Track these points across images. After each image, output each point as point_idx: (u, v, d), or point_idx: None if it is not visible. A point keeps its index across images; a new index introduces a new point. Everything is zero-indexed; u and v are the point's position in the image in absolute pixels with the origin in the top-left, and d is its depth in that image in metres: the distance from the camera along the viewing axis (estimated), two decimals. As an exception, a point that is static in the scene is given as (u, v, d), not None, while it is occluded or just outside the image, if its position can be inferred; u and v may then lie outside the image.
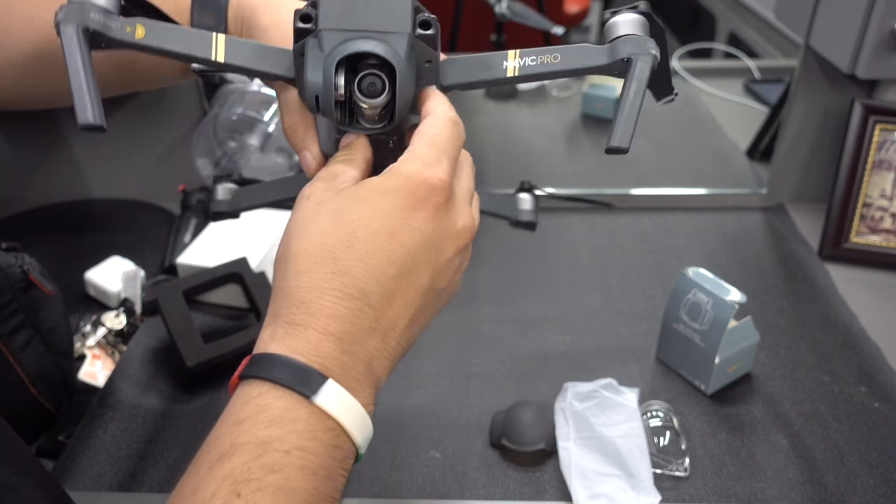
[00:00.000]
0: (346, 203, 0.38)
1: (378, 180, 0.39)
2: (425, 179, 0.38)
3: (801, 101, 1.00)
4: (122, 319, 0.83)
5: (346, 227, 0.37)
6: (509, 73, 0.41)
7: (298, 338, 0.36)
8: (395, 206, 0.37)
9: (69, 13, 0.38)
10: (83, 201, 1.12)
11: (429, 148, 0.39)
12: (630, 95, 0.39)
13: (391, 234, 0.37)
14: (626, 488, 0.62)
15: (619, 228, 1.04)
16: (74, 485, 0.66)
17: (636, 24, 0.41)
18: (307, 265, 0.37)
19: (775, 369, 0.77)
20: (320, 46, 0.39)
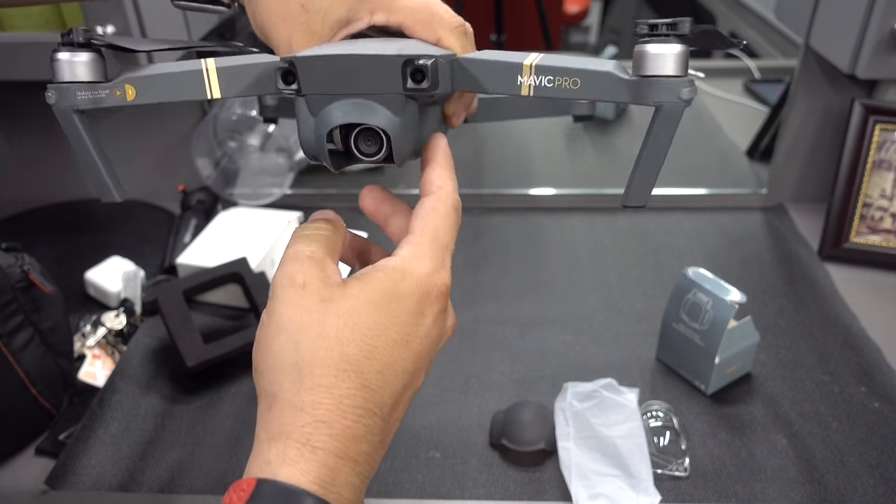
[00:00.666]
0: (361, 307, 0.34)
1: (389, 282, 0.35)
2: (435, 285, 0.36)
3: (801, 101, 1.00)
4: (122, 319, 0.83)
5: (366, 337, 0.34)
6: (523, 90, 0.37)
7: (317, 464, 0.31)
8: (409, 312, 0.35)
9: (61, 98, 0.37)
10: (83, 201, 1.12)
11: (435, 246, 0.37)
12: (652, 147, 0.35)
13: (407, 343, 0.35)
14: (626, 488, 0.62)
15: (619, 228, 1.04)
16: (74, 485, 0.66)
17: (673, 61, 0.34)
18: (328, 379, 0.33)
19: (775, 369, 0.77)
20: (309, 109, 0.37)
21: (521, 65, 0.36)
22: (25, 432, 0.71)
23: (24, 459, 0.70)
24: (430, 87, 0.35)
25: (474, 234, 1.02)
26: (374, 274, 0.35)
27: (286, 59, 0.36)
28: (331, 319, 0.34)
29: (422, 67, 0.35)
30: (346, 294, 0.34)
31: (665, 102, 0.34)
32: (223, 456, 0.68)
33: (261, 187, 1.07)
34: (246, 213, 0.98)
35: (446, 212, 0.38)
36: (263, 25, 0.40)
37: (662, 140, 0.35)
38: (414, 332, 0.35)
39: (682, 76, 0.34)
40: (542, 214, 1.08)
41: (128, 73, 0.38)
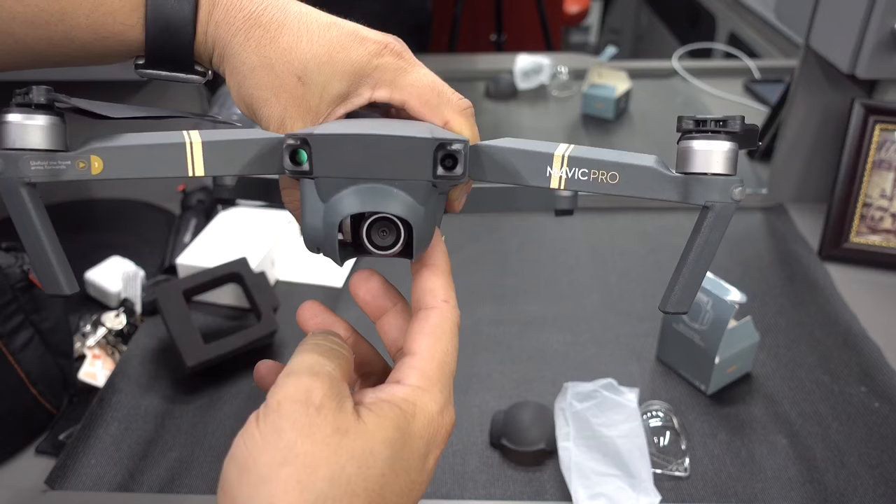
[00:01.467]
0: (378, 449, 0.30)
1: (402, 416, 0.31)
2: (444, 426, 0.33)
3: (801, 101, 1.00)
4: (122, 319, 0.83)
5: (377, 486, 0.29)
6: (553, 183, 0.33)
7: None
8: (417, 456, 0.31)
9: (8, 167, 0.31)
10: (83, 201, 1.12)
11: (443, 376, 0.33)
12: (699, 251, 0.32)
13: (410, 490, 0.31)
14: (626, 488, 0.62)
15: (619, 228, 1.04)
16: (75, 485, 0.66)
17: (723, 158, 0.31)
18: None
19: (775, 369, 0.77)
20: (319, 194, 0.32)
21: (552, 155, 0.33)
22: (25, 432, 0.71)
23: (24, 459, 0.70)
24: (461, 175, 0.31)
25: (474, 234, 1.02)
26: (389, 408, 0.31)
27: (297, 135, 0.31)
28: (344, 460, 0.29)
29: (455, 154, 0.31)
30: (362, 430, 0.30)
31: (717, 202, 0.32)
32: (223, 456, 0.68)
33: (261, 187, 1.07)
34: (246, 214, 0.98)
35: (452, 333, 0.34)
36: (251, 100, 0.36)
37: (711, 242, 0.32)
38: (418, 479, 0.31)
39: (733, 174, 0.32)
40: (542, 214, 1.08)
41: (95, 143, 0.33)
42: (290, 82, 0.35)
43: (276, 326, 0.78)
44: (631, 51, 2.78)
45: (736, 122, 0.31)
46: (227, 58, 0.36)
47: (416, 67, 0.37)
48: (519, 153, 0.34)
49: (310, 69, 0.35)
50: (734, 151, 0.32)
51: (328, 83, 0.35)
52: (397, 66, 0.36)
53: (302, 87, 0.35)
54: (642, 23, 2.71)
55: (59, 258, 0.33)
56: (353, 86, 0.36)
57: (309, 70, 0.35)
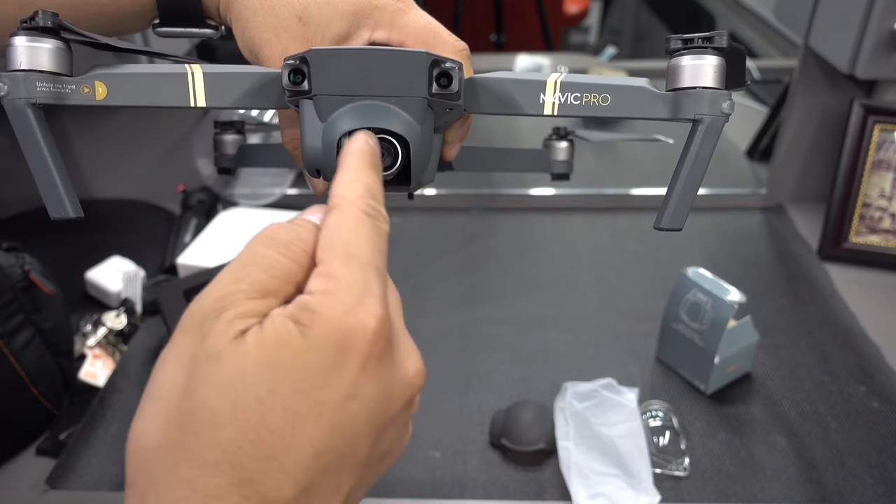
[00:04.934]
0: (251, 370, 0.25)
1: (292, 330, 0.26)
2: (357, 326, 0.26)
3: (801, 101, 1.00)
4: (123, 319, 0.84)
5: (252, 414, 0.25)
6: (546, 109, 0.34)
7: None
8: (320, 371, 0.26)
9: (14, 89, 0.32)
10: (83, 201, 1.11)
11: (350, 269, 0.27)
12: (691, 166, 0.33)
13: (318, 415, 0.25)
14: (626, 488, 0.62)
15: (619, 228, 1.04)
16: (75, 484, 0.66)
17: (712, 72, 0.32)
18: (193, 472, 0.24)
19: (775, 369, 0.78)
20: (318, 113, 0.32)
21: (545, 82, 0.34)
22: (26, 432, 0.71)
23: (24, 459, 0.70)
24: (455, 95, 0.32)
25: (474, 234, 1.02)
26: (277, 322, 0.26)
27: (296, 55, 0.32)
28: (209, 389, 0.25)
29: (449, 70, 0.32)
30: (237, 352, 0.25)
31: (706, 115, 0.32)
32: (223, 455, 0.68)
33: (261, 187, 1.07)
34: (246, 213, 0.99)
35: (356, 223, 0.28)
36: (253, 42, 0.37)
37: (702, 157, 0.33)
38: (328, 398, 0.26)
39: (721, 88, 0.32)
40: (542, 214, 1.08)
41: (99, 69, 0.33)
42: (291, 23, 0.36)
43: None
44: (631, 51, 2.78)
45: (723, 38, 0.32)
46: (231, 5, 0.38)
47: (414, 9, 0.37)
48: (513, 82, 0.34)
49: (310, 10, 0.36)
50: (722, 66, 0.32)
51: (328, 23, 0.36)
52: (395, 7, 0.37)
53: (302, 28, 0.36)
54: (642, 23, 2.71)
55: (65, 181, 0.33)
56: (353, 26, 0.36)
57: (309, 11, 0.36)
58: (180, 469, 0.24)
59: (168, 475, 0.25)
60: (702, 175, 0.33)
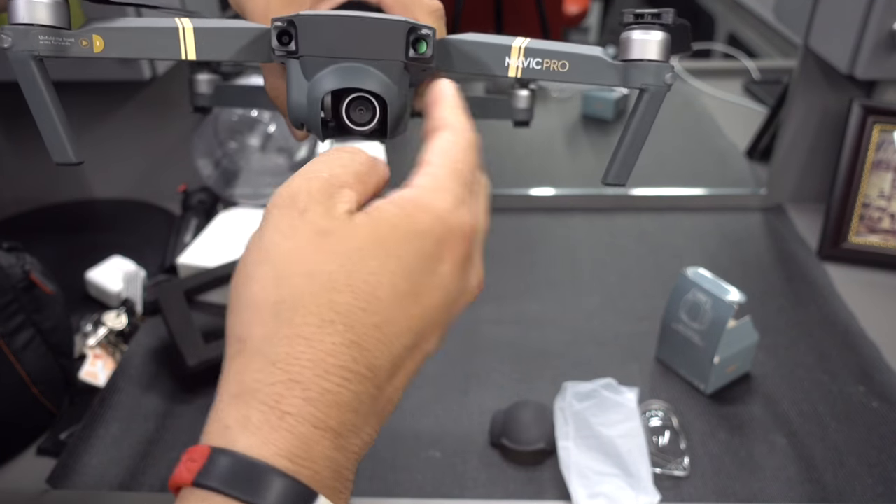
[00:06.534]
0: (365, 247, 0.28)
1: (402, 217, 0.29)
2: (457, 224, 0.30)
3: (800, 101, 1.00)
4: (123, 319, 0.84)
5: (365, 284, 0.28)
6: (510, 72, 0.37)
7: (285, 432, 0.26)
8: (423, 256, 0.29)
9: (19, 40, 0.33)
10: (84, 201, 1.13)
11: (455, 180, 0.31)
12: (635, 129, 0.36)
13: (417, 295, 0.29)
14: (626, 487, 0.62)
15: (619, 228, 1.04)
16: (76, 484, 0.66)
17: (657, 46, 0.36)
18: (309, 329, 0.27)
19: (774, 369, 0.78)
20: (303, 72, 0.35)
21: (510, 46, 0.37)
22: (27, 432, 0.71)
23: (25, 459, 0.70)
24: (429, 59, 0.35)
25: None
26: (385, 207, 0.29)
27: (284, 17, 0.34)
28: (324, 256, 0.28)
29: (424, 37, 0.35)
30: (349, 229, 0.29)
31: (651, 85, 0.36)
32: (224, 455, 0.68)
33: (261, 187, 1.07)
34: (246, 214, 0.99)
35: (467, 146, 0.33)
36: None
37: (646, 122, 0.36)
38: (427, 282, 0.29)
39: (665, 62, 0.36)
40: (542, 214, 1.08)
41: (96, 24, 0.36)
42: None
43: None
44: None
45: (668, 16, 0.35)
46: None
47: None
48: (481, 45, 0.37)
49: None
50: (667, 41, 0.36)
51: None
52: None
53: None
54: (642, 23, 2.71)
55: (67, 128, 0.35)
56: None
57: None
58: (297, 324, 0.27)
59: (285, 328, 0.27)
60: (644, 137, 0.37)
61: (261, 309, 0.28)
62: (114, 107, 1.06)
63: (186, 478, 0.26)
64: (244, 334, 0.28)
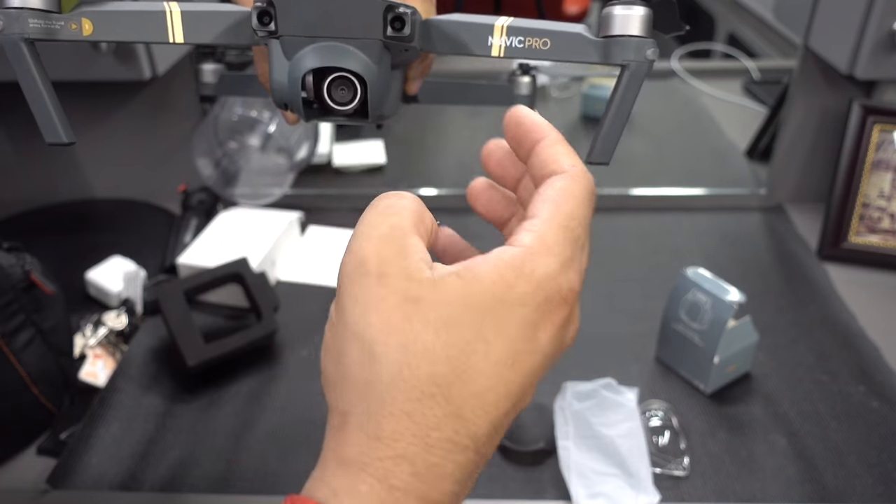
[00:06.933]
0: (460, 315, 0.27)
1: (499, 282, 0.27)
2: (559, 290, 0.28)
3: (800, 101, 1.00)
4: (123, 319, 0.84)
5: (462, 354, 0.27)
6: (494, 51, 0.37)
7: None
8: (521, 324, 0.28)
9: (10, 24, 0.34)
10: (84, 201, 1.13)
11: (565, 237, 0.29)
12: (617, 105, 0.36)
13: (514, 363, 0.28)
14: (626, 487, 0.62)
15: (619, 228, 1.04)
16: (76, 484, 0.66)
17: (638, 21, 0.35)
18: (411, 404, 0.26)
19: (774, 369, 0.78)
20: (284, 52, 0.36)
21: (493, 26, 0.37)
22: (27, 432, 0.71)
23: (25, 459, 0.70)
24: (408, 38, 0.35)
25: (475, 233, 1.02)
26: (480, 270, 0.28)
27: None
28: (417, 326, 0.27)
29: (402, 15, 0.35)
30: (440, 293, 0.27)
31: (632, 61, 0.35)
32: (224, 455, 0.68)
33: (261, 187, 1.07)
34: (246, 213, 0.99)
35: (583, 197, 0.30)
36: None
37: (628, 98, 0.36)
38: (525, 349, 0.28)
39: (647, 37, 0.35)
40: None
41: (85, 7, 0.36)
42: None
43: (277, 326, 0.79)
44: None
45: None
46: None
47: None
48: (464, 25, 0.37)
49: None
50: (648, 16, 0.35)
51: None
52: None
53: None
54: (642, 23, 2.70)
55: (58, 109, 0.35)
56: None
57: None
58: (398, 400, 0.27)
59: (388, 405, 0.27)
60: (627, 114, 0.36)
61: (359, 386, 0.27)
62: (114, 107, 1.06)
63: None
64: (346, 409, 0.28)
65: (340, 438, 0.28)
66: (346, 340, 0.28)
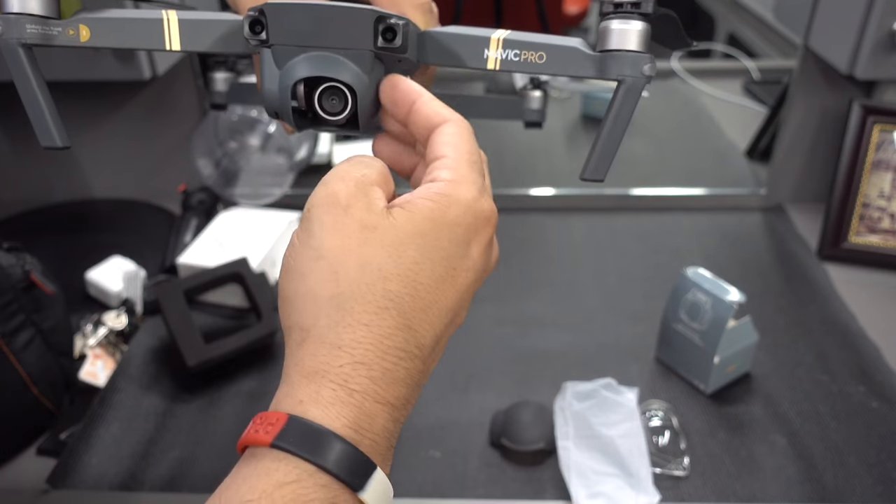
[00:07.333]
0: (408, 239, 0.32)
1: (435, 208, 0.33)
2: (482, 211, 0.34)
3: (800, 101, 1.00)
4: (123, 319, 0.84)
5: (410, 272, 0.31)
6: (489, 64, 0.37)
7: (353, 407, 0.30)
8: (456, 243, 0.33)
9: (8, 29, 0.34)
10: (84, 201, 1.13)
11: (473, 171, 0.34)
12: (612, 121, 0.35)
13: (453, 278, 0.33)
14: (626, 487, 0.62)
15: (619, 228, 1.04)
16: (76, 484, 0.66)
17: (636, 36, 0.35)
18: (369, 316, 0.31)
19: (774, 369, 0.78)
20: (275, 61, 0.36)
21: (489, 38, 0.37)
22: (27, 432, 0.71)
23: (25, 459, 0.70)
24: (400, 49, 0.35)
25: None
26: (420, 202, 0.33)
27: (256, 7, 0.35)
28: (373, 249, 0.31)
29: (393, 26, 0.34)
30: (392, 223, 0.32)
31: (628, 76, 0.35)
32: (224, 455, 0.68)
33: (261, 187, 1.07)
34: (246, 214, 0.99)
35: (471, 137, 0.35)
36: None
37: (624, 114, 0.35)
38: (460, 266, 0.33)
39: (644, 52, 0.35)
40: (542, 214, 1.08)
41: (84, 14, 0.36)
42: None
43: (277, 326, 0.79)
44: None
45: (649, 4, 0.34)
46: None
47: None
48: (460, 38, 0.37)
49: None
50: (646, 31, 0.35)
51: None
52: None
53: None
54: (642, 23, 2.70)
55: (53, 114, 0.36)
56: None
57: None
58: (357, 312, 0.31)
59: (347, 317, 0.31)
60: (622, 131, 0.36)
61: (321, 300, 0.31)
62: (114, 107, 1.06)
63: (265, 439, 0.29)
64: (307, 324, 0.31)
65: (302, 353, 0.31)
66: (311, 260, 0.32)
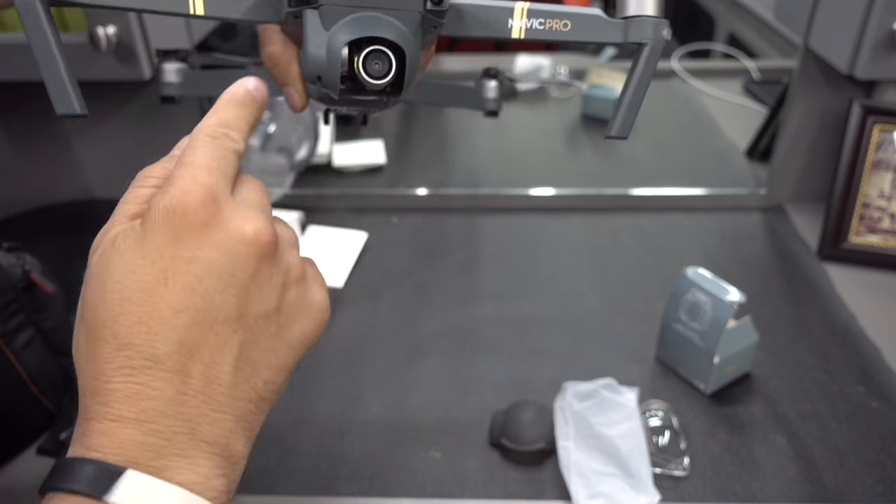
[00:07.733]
0: (104, 264, 0.32)
1: (130, 227, 0.32)
2: (178, 202, 0.32)
3: (800, 101, 1.00)
4: (123, 319, 0.83)
5: (114, 293, 0.31)
6: (514, 33, 0.38)
7: (94, 433, 0.30)
8: (158, 245, 0.31)
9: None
10: (84, 201, 1.12)
11: (181, 170, 0.33)
12: (635, 82, 0.38)
13: (166, 280, 0.31)
14: (626, 487, 0.62)
15: (619, 228, 1.04)
16: (76, 484, 0.66)
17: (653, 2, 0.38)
18: (90, 350, 0.31)
19: (774, 369, 0.78)
20: (322, 22, 0.35)
21: (513, 8, 0.38)
22: (27, 432, 0.71)
23: (25, 459, 0.70)
24: (444, 12, 0.36)
25: (474, 234, 1.02)
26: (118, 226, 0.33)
27: None
28: (89, 285, 0.32)
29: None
30: (108, 249, 0.32)
31: (650, 39, 0.37)
32: (224, 455, 0.68)
33: (261, 187, 1.07)
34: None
35: (198, 142, 0.35)
36: None
37: (646, 75, 0.38)
38: (168, 266, 0.31)
39: (662, 18, 0.38)
40: (542, 214, 1.08)
41: None
42: None
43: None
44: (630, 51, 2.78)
45: None
46: None
47: None
48: (485, 8, 0.38)
49: None
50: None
51: None
52: None
53: None
54: (642, 23, 2.70)
55: (72, 79, 0.34)
56: None
57: None
58: (81, 348, 0.32)
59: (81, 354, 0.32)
60: (644, 90, 0.38)
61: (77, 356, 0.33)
62: (114, 107, 1.06)
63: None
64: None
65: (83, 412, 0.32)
66: None
